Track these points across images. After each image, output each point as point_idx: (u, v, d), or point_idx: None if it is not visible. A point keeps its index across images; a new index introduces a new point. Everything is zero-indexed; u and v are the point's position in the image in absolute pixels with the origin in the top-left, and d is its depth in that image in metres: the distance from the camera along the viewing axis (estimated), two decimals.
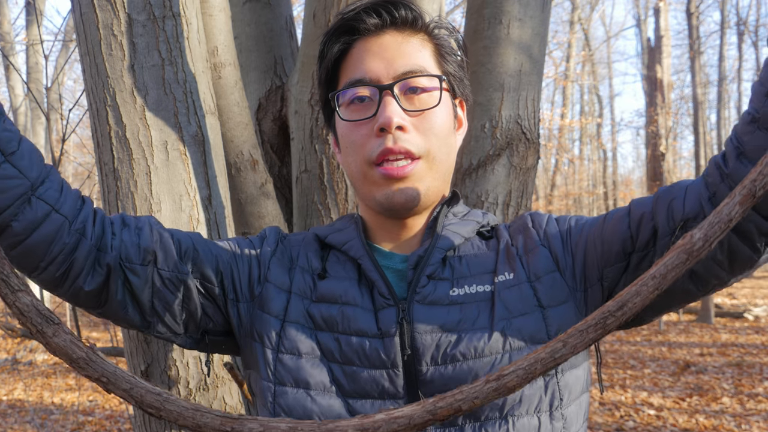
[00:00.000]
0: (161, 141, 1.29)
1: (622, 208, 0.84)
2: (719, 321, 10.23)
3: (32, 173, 0.75)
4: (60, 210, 0.77)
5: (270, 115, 2.06)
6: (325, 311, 0.85)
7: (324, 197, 1.87)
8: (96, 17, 1.27)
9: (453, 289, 0.84)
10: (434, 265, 0.85)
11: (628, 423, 4.95)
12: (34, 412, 5.89)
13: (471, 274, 0.86)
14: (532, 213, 0.94)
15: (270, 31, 2.11)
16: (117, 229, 0.84)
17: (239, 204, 1.68)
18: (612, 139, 25.49)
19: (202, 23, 1.48)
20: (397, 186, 0.84)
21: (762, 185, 0.51)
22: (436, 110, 0.87)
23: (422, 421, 0.49)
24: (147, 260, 0.83)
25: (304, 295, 0.87)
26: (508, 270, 0.85)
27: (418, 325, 0.81)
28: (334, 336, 0.83)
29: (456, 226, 0.90)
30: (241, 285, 0.89)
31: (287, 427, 0.48)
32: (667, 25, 12.54)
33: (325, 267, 0.90)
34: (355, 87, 0.87)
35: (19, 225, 0.74)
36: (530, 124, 1.68)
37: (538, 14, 1.69)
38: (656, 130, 11.53)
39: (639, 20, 22.21)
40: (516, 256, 0.87)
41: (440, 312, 0.82)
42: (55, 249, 0.77)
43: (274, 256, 0.91)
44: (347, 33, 0.89)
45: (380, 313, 0.83)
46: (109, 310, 0.84)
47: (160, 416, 0.50)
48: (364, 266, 0.86)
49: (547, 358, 0.51)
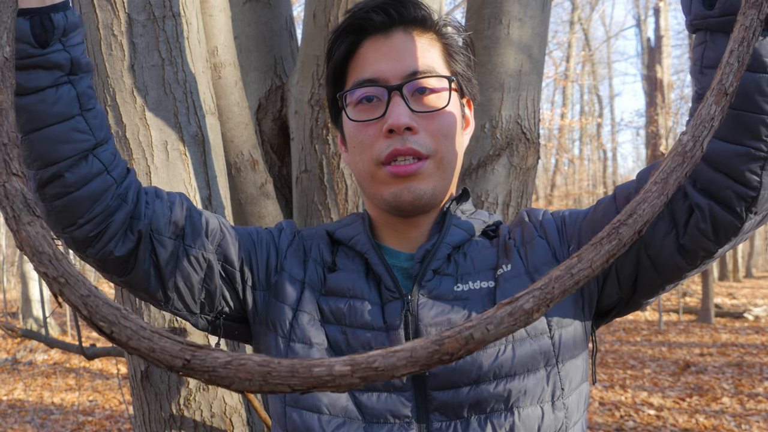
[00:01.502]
0: (161, 141, 1.29)
1: (609, 195, 0.85)
2: (719, 321, 10.23)
3: (100, 134, 0.80)
4: (111, 172, 0.80)
5: (270, 115, 2.06)
6: (333, 304, 0.86)
7: (324, 197, 1.87)
8: (96, 17, 1.27)
9: (457, 284, 0.85)
10: (440, 260, 0.86)
11: (628, 423, 4.95)
12: (34, 412, 5.89)
13: (475, 271, 0.86)
14: (528, 209, 0.95)
15: (270, 31, 2.11)
16: (150, 199, 0.85)
17: (239, 204, 1.68)
18: (612, 139, 25.50)
19: (202, 23, 1.48)
20: (405, 184, 0.85)
21: (730, 82, 0.52)
22: (445, 111, 0.86)
23: (426, 354, 0.43)
24: (176, 234, 0.85)
25: (315, 288, 0.88)
26: (505, 262, 0.86)
27: (422, 317, 0.82)
28: (341, 329, 0.84)
29: (463, 222, 0.91)
30: (259, 272, 0.90)
31: (260, 360, 0.41)
32: (667, 25, 12.53)
33: (334, 260, 0.91)
34: (364, 87, 0.86)
35: (73, 177, 0.77)
36: (530, 124, 1.68)
37: (538, 14, 1.69)
38: (656, 130, 11.53)
39: (639, 20, 22.22)
40: (513, 248, 0.88)
41: (445, 306, 0.83)
42: (98, 208, 0.79)
43: (291, 247, 0.93)
44: (355, 32, 0.88)
45: (386, 307, 0.84)
46: (133, 279, 0.85)
47: (111, 334, 0.44)
48: (370, 260, 0.87)
49: (563, 275, 0.47)
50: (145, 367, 1.30)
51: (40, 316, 10.47)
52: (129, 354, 1.34)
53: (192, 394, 1.28)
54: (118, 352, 2.34)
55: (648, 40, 14.91)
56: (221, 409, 1.30)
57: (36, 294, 10.62)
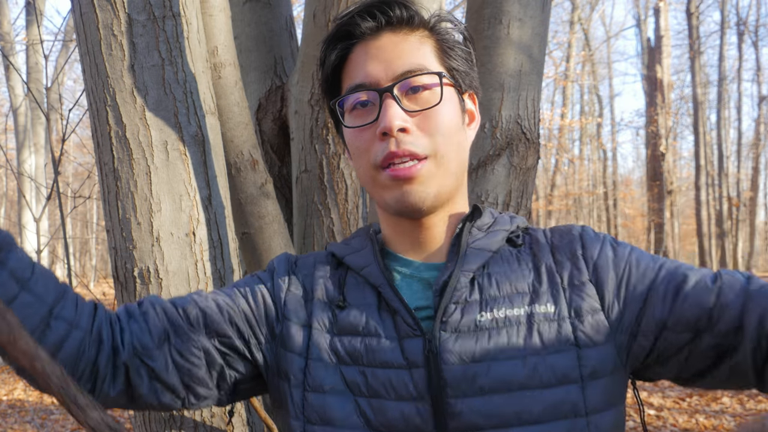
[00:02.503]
0: (161, 141, 1.29)
1: (707, 274, 0.79)
2: None
3: (49, 296, 0.75)
4: (79, 325, 0.77)
5: (270, 115, 2.06)
6: (348, 344, 0.82)
7: (324, 197, 1.87)
8: (96, 17, 1.27)
9: (481, 313, 0.80)
10: (460, 290, 0.81)
11: (628, 423, 4.95)
12: (34, 412, 5.89)
13: (501, 295, 0.81)
14: (583, 232, 0.86)
15: (270, 31, 2.11)
16: (124, 324, 0.82)
17: (239, 204, 1.68)
18: (612, 139, 25.51)
19: (202, 23, 1.48)
20: (406, 187, 0.82)
21: None
22: (440, 108, 0.84)
23: None
24: (161, 341, 0.82)
25: (325, 329, 0.85)
26: (550, 301, 0.80)
27: (445, 355, 0.78)
28: (359, 369, 0.81)
29: (481, 241, 0.85)
30: (260, 328, 0.87)
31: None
32: (667, 25, 12.54)
33: (343, 294, 0.87)
34: (356, 92, 0.85)
35: (45, 347, 0.74)
36: (530, 124, 1.68)
37: (538, 14, 1.69)
38: (656, 130, 11.53)
39: (639, 20, 22.22)
40: (560, 287, 0.81)
41: (468, 340, 0.78)
42: (81, 365, 0.77)
43: (289, 291, 0.89)
44: (344, 38, 0.88)
45: (405, 342, 0.80)
46: (141, 402, 0.83)
47: None
48: (384, 295, 0.83)
49: None
50: None
51: None
52: None
53: None
54: None
55: (648, 40, 14.92)
56: (221, 409, 1.30)
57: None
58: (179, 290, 1.29)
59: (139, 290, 1.28)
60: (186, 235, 1.30)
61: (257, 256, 1.72)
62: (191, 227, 1.31)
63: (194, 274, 1.31)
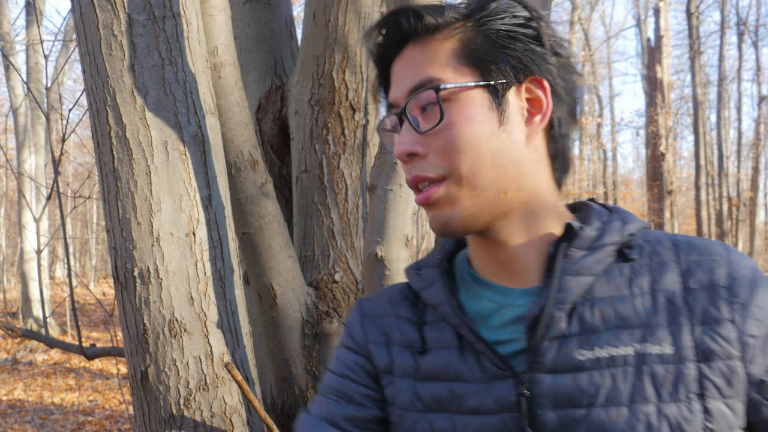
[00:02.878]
0: (161, 141, 1.29)
1: None
2: None
3: None
4: None
5: (270, 115, 2.06)
6: (433, 391, 0.76)
7: (324, 197, 1.87)
8: (96, 17, 1.27)
9: (581, 350, 0.69)
10: (555, 325, 0.70)
11: None
12: (34, 412, 5.89)
13: (605, 328, 0.70)
14: (730, 260, 0.71)
15: (270, 31, 2.11)
16: None
17: (239, 204, 1.68)
18: (612, 139, 25.51)
19: (202, 23, 1.48)
20: (430, 212, 0.76)
21: None
22: (447, 124, 0.73)
23: None
24: None
25: (408, 375, 0.79)
26: (667, 339, 0.68)
27: (539, 398, 0.70)
28: (448, 416, 0.75)
29: (582, 262, 0.72)
30: (382, 396, 0.82)
31: None
32: (667, 25, 12.54)
33: (422, 336, 0.80)
34: (387, 115, 0.81)
35: None
36: None
37: None
38: (656, 130, 11.53)
39: (639, 20, 22.22)
40: (688, 321, 0.68)
41: (565, 381, 0.69)
42: None
43: (369, 342, 0.84)
44: (379, 62, 0.82)
45: (494, 384, 0.73)
46: None
47: None
48: (465, 336, 0.75)
49: None
50: (145, 367, 1.30)
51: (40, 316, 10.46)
52: (131, 363, 1.34)
53: (192, 394, 1.28)
54: (118, 352, 2.34)
55: (648, 40, 14.92)
56: (221, 409, 1.30)
57: (36, 294, 10.62)
58: (179, 290, 1.29)
59: (139, 290, 1.28)
60: (186, 235, 1.30)
61: (257, 256, 1.72)
62: (191, 227, 1.31)
63: (194, 274, 1.31)
